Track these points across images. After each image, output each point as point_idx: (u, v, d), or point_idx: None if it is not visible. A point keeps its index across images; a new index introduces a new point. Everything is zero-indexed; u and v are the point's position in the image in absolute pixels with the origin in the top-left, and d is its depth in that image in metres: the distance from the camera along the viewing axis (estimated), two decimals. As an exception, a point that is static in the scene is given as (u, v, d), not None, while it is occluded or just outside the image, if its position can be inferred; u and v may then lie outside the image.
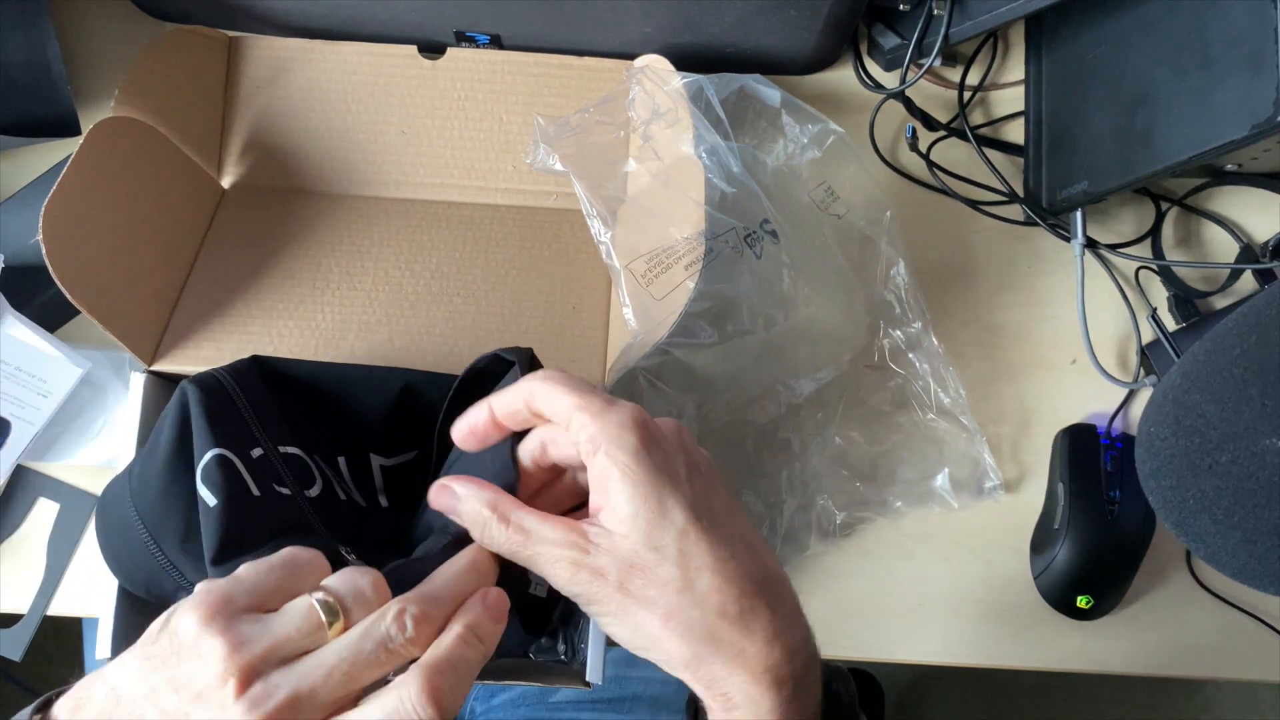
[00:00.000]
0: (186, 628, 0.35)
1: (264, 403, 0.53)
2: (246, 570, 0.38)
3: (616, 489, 0.40)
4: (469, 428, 0.45)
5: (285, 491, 0.51)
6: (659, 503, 0.40)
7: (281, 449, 0.52)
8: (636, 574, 0.40)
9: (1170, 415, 0.42)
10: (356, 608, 0.37)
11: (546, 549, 0.41)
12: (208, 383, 0.51)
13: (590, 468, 0.42)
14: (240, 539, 0.46)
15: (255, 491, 0.49)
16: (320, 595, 0.37)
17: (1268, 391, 0.38)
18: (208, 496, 0.47)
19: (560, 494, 0.47)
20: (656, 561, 0.40)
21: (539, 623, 0.55)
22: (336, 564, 0.40)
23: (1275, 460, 0.37)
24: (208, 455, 0.48)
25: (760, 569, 0.42)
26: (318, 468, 0.54)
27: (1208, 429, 0.40)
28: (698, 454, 0.44)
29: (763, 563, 0.43)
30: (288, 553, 0.40)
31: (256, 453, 0.50)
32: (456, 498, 0.43)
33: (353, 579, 0.38)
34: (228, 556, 0.45)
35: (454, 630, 0.39)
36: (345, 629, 0.37)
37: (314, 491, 0.53)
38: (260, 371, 0.54)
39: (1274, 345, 0.40)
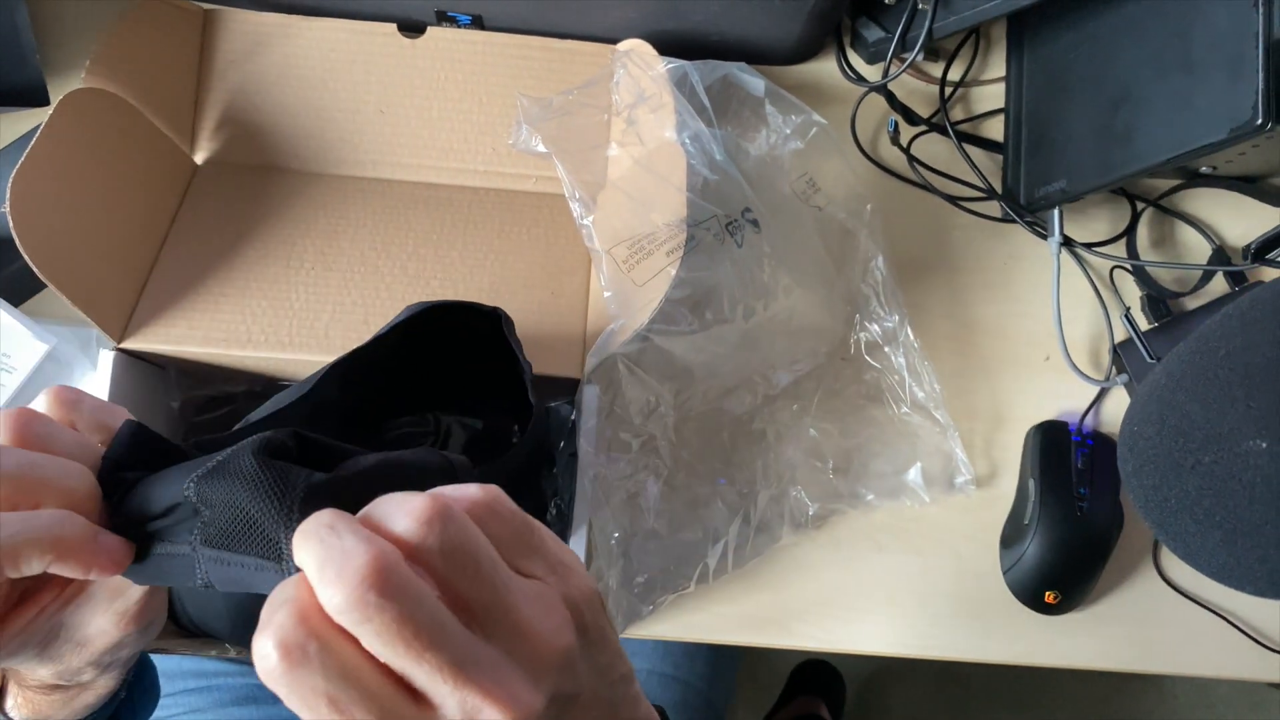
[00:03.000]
0: None
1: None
2: None
3: None
4: None
5: None
6: None
7: None
8: None
9: (1155, 414, 0.43)
10: None
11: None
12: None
13: None
14: None
15: None
16: None
17: (1252, 393, 0.38)
18: None
19: None
20: None
21: None
22: None
23: (1258, 462, 0.37)
24: None
25: None
26: None
27: (1192, 429, 0.41)
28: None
29: None
30: None
31: None
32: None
33: None
34: None
35: None
36: None
37: None
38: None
39: (1259, 347, 0.40)
